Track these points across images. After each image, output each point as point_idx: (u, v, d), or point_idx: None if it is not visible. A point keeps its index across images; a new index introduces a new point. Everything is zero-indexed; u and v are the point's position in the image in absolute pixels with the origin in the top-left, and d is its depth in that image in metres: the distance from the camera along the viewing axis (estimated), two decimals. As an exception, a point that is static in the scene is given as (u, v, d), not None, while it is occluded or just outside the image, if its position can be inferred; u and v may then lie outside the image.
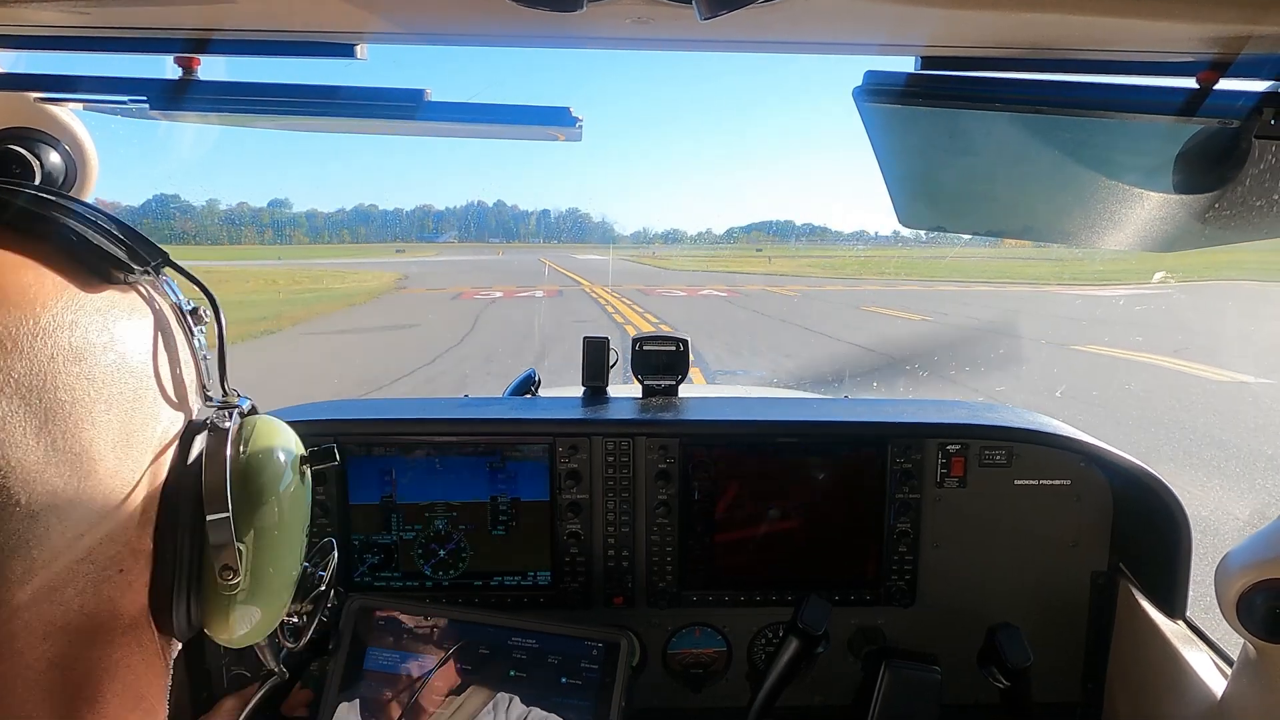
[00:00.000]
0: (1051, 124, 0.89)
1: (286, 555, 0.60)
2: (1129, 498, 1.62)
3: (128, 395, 0.49)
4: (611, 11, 0.78)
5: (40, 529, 0.44)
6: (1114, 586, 1.65)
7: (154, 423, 0.51)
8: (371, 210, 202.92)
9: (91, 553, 0.47)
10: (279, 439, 0.62)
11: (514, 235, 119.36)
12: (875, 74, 0.88)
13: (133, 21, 0.88)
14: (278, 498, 0.59)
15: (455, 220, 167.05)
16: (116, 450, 0.47)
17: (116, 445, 0.47)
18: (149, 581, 0.51)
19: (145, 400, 0.50)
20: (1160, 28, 0.76)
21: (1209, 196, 0.93)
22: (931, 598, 1.68)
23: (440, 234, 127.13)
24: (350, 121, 1.05)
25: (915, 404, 1.86)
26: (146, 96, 0.98)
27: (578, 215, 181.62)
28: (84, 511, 0.46)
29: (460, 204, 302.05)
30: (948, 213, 1.31)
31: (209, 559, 0.53)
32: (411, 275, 38.41)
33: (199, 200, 46.45)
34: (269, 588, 0.58)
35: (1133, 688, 1.58)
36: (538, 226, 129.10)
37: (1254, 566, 1.09)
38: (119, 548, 0.48)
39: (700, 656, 1.71)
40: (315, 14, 0.85)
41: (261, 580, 0.57)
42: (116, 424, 0.48)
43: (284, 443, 0.62)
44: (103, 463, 0.46)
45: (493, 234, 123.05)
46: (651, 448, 1.63)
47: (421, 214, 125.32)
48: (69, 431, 0.45)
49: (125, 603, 0.49)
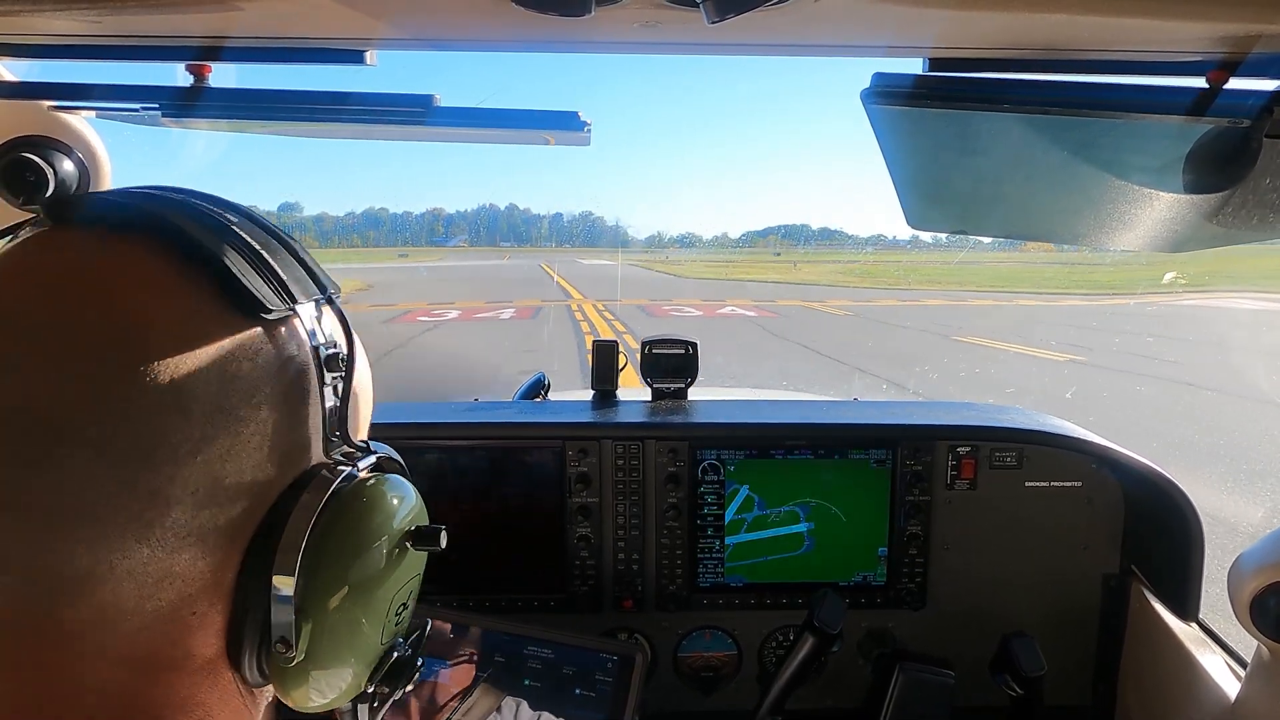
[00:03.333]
0: (1060, 125, 0.88)
1: (360, 635, 0.53)
2: (1141, 499, 1.61)
3: (233, 435, 0.46)
4: (619, 16, 0.78)
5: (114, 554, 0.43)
6: (1126, 588, 1.64)
7: (261, 467, 0.48)
8: (381, 214, 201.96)
9: (162, 587, 0.44)
10: (384, 508, 0.54)
11: (526, 239, 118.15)
12: (883, 76, 0.88)
13: (145, 30, 0.89)
14: (360, 572, 0.52)
15: (466, 224, 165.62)
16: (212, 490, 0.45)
17: (212, 485, 0.45)
18: (224, 628, 0.48)
19: (254, 442, 0.47)
20: (1169, 27, 0.76)
21: (1219, 196, 0.93)
22: (942, 600, 1.67)
23: (451, 238, 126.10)
24: (360, 127, 1.05)
25: (925, 406, 1.85)
26: (158, 104, 0.98)
27: (591, 219, 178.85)
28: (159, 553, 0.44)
29: (471, 208, 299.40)
30: (957, 215, 1.31)
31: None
32: (377, 285, 33.09)
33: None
34: (332, 667, 0.52)
35: (1145, 690, 1.57)
36: (550, 230, 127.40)
37: (1268, 568, 1.09)
38: (195, 588, 0.46)
39: (711, 660, 1.70)
40: (325, 21, 0.85)
41: (323, 658, 0.51)
42: (216, 464, 0.45)
43: (387, 513, 0.54)
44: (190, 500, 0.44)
45: (504, 238, 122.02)
46: (661, 451, 1.63)
47: (432, 218, 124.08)
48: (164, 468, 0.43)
49: (197, 643, 0.47)
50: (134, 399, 0.43)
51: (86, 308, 0.44)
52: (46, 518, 0.42)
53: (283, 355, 0.50)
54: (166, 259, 0.46)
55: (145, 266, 0.46)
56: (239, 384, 0.47)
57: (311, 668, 0.51)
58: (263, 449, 0.48)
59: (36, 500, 0.41)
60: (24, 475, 0.41)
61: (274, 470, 0.49)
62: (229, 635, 0.48)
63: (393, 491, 0.56)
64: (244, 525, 0.47)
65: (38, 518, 0.42)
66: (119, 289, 0.45)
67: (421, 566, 0.59)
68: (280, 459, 0.49)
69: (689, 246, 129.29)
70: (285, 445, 0.50)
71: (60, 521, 0.42)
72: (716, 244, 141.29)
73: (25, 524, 0.42)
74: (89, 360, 0.43)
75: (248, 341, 0.48)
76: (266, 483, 0.48)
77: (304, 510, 0.49)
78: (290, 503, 0.49)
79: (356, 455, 0.54)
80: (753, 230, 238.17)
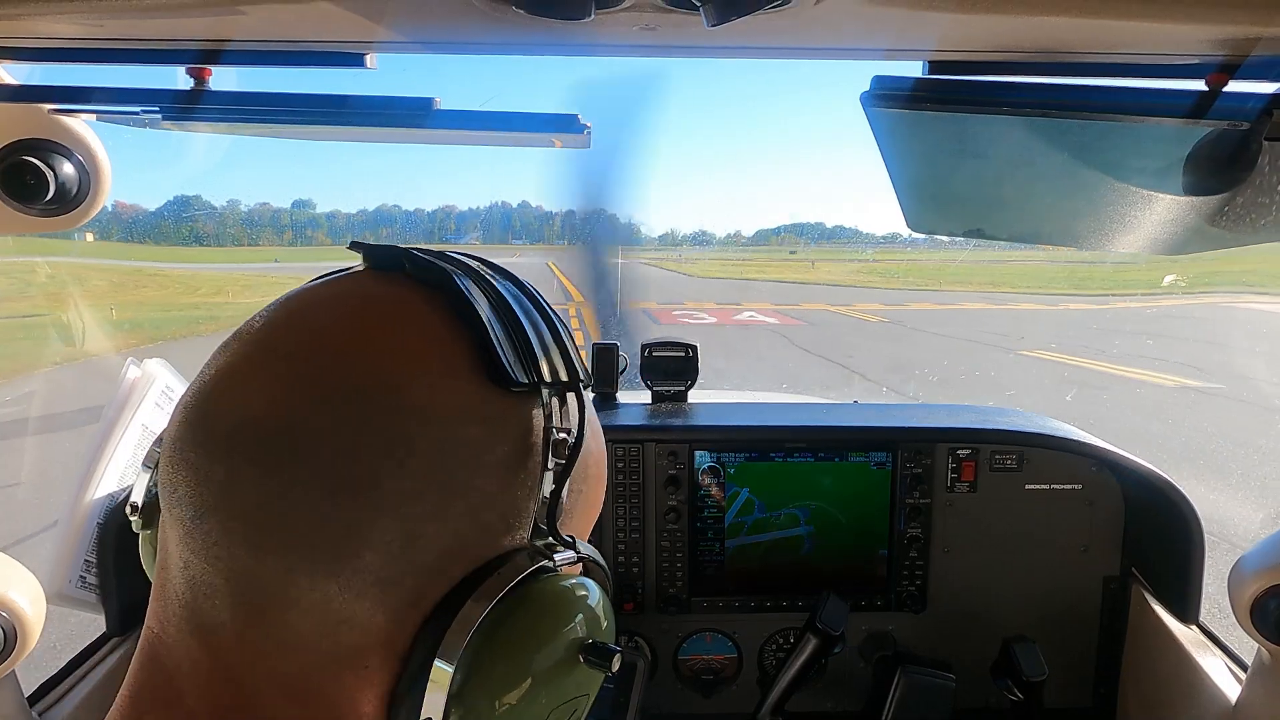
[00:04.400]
0: (1060, 127, 0.88)
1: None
2: (1141, 502, 1.61)
3: (442, 496, 0.46)
4: (619, 19, 0.78)
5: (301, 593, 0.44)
6: (1126, 591, 1.64)
7: (462, 536, 0.47)
8: (394, 211, 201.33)
9: (340, 630, 0.45)
10: (565, 610, 0.51)
11: (539, 237, 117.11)
12: (883, 79, 0.89)
13: (145, 33, 0.89)
14: (521, 670, 0.48)
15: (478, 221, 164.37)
16: (406, 544, 0.45)
17: (408, 540, 0.45)
18: (389, 691, 0.47)
19: (460, 509, 0.47)
20: (1168, 30, 0.76)
21: (1219, 199, 0.93)
22: (942, 603, 1.67)
23: (463, 235, 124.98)
24: (359, 130, 1.05)
25: (925, 408, 1.85)
26: (159, 107, 0.98)
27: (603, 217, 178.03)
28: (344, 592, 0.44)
29: (484, 204, 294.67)
30: (957, 218, 1.31)
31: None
32: None
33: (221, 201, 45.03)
34: None
35: (1145, 693, 1.57)
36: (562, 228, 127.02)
37: (1268, 571, 1.09)
38: (371, 641, 0.45)
39: (711, 663, 1.70)
40: (325, 25, 0.85)
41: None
42: (418, 520, 0.45)
43: (567, 617, 0.50)
44: (384, 548, 0.44)
45: (516, 235, 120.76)
46: (661, 453, 1.63)
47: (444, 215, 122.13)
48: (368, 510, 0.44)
49: (363, 698, 0.46)
50: (364, 436, 0.44)
51: (351, 341, 0.47)
52: (256, 527, 0.43)
53: (514, 430, 0.49)
54: (440, 314, 0.48)
55: (418, 315, 0.48)
56: (464, 447, 0.47)
57: None
58: (467, 517, 0.47)
59: (252, 507, 0.43)
60: (250, 480, 0.43)
61: (472, 542, 0.48)
62: (390, 700, 0.47)
63: (580, 597, 0.52)
64: (429, 591, 0.46)
65: (250, 525, 0.43)
66: (384, 328, 0.47)
67: (594, 689, 0.55)
68: (483, 533, 0.48)
69: (703, 244, 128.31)
70: (492, 520, 0.48)
71: (266, 534, 0.43)
72: (729, 242, 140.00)
73: (241, 529, 0.43)
74: (337, 390, 0.45)
75: (484, 409, 0.48)
76: (461, 552, 0.47)
77: (487, 591, 0.47)
78: (480, 579, 0.47)
79: (557, 549, 0.51)
80: (765, 228, 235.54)
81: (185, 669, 0.45)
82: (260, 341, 0.47)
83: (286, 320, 0.48)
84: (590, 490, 0.58)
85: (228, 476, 0.43)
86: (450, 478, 0.46)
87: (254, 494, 0.43)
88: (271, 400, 0.44)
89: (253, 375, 0.46)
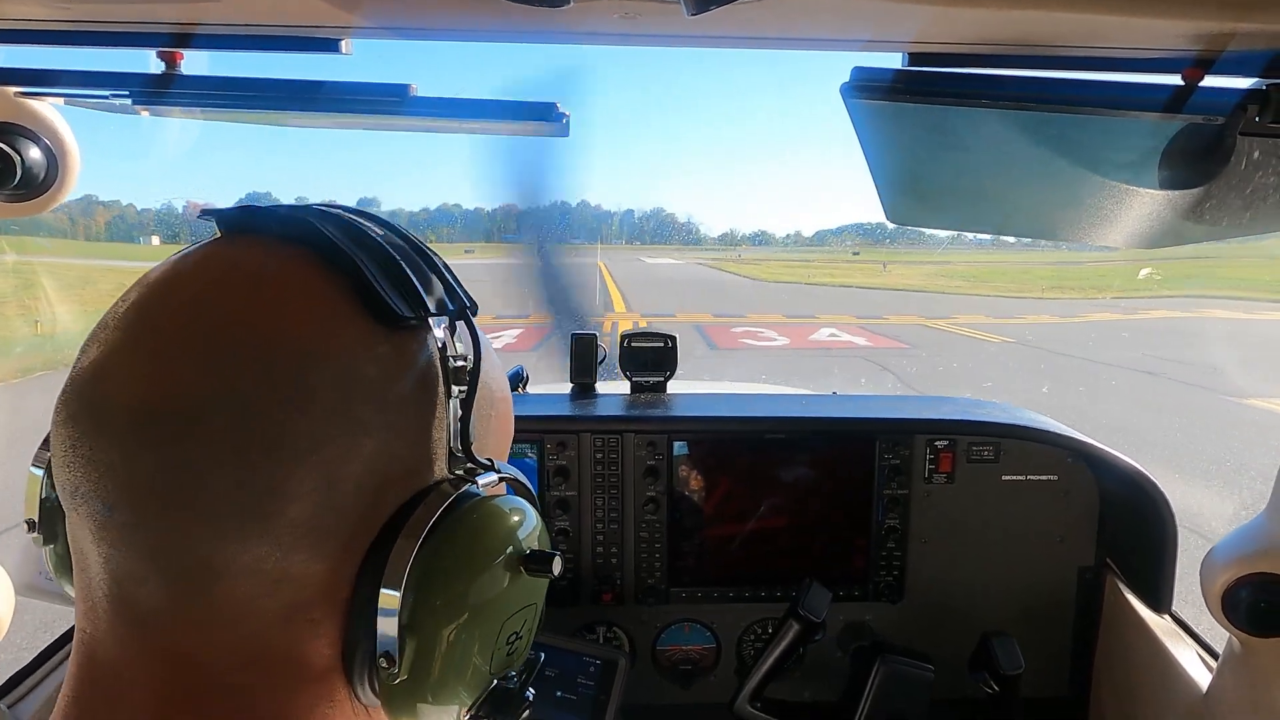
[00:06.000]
0: (1038, 120, 0.89)
1: (466, 659, 0.51)
2: (1116, 493, 1.63)
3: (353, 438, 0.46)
4: (599, 7, 0.78)
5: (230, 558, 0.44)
6: (1100, 581, 1.66)
7: (381, 474, 0.48)
8: (455, 210, 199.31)
9: (279, 587, 0.45)
10: (499, 528, 0.53)
11: (596, 236, 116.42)
12: (862, 70, 0.88)
13: (115, 16, 0.87)
14: (468, 592, 0.50)
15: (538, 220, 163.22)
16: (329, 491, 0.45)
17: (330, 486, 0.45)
18: (339, 638, 0.47)
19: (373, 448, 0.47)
20: (1146, 24, 0.76)
21: (1195, 193, 0.94)
22: (919, 593, 1.68)
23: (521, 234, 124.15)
24: (335, 117, 1.04)
25: (904, 400, 1.86)
26: (129, 91, 0.97)
27: (662, 215, 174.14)
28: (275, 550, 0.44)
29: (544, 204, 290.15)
30: (936, 209, 1.31)
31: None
32: None
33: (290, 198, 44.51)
34: (437, 689, 0.50)
35: (1119, 682, 1.59)
36: (621, 227, 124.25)
37: (1239, 561, 1.10)
38: (311, 592, 0.46)
39: (690, 653, 1.71)
40: (300, 9, 0.84)
41: (427, 678, 0.49)
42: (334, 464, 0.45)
43: (502, 533, 0.53)
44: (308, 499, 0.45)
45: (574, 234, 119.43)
46: (640, 444, 1.63)
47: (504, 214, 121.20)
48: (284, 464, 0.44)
49: (313, 651, 0.47)
50: (259, 393, 0.44)
51: (222, 304, 0.46)
52: (173, 505, 0.43)
53: (410, 364, 0.50)
54: (310, 264, 0.48)
55: (287, 269, 0.48)
56: (363, 388, 0.47)
57: (415, 688, 0.49)
58: (383, 456, 0.48)
59: (164, 487, 0.43)
60: (155, 462, 0.43)
61: (393, 478, 0.49)
62: (343, 646, 0.48)
63: (511, 512, 0.54)
64: (359, 532, 0.47)
65: (159, 504, 0.43)
66: (257, 289, 0.47)
67: (540, 596, 0.57)
68: (400, 469, 0.49)
69: (762, 244, 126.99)
70: (406, 455, 0.49)
71: (181, 509, 0.43)
72: (789, 242, 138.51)
73: (148, 510, 0.43)
74: (222, 354, 0.44)
75: (376, 347, 0.48)
76: (385, 491, 0.48)
77: (416, 523, 0.48)
78: (407, 514, 0.48)
79: (478, 472, 0.53)
80: (825, 228, 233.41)
81: (124, 665, 0.45)
82: (132, 324, 0.46)
83: (154, 298, 0.47)
84: (498, 411, 0.59)
85: (129, 463, 0.43)
86: (356, 419, 0.46)
87: (162, 473, 0.43)
88: (157, 377, 0.44)
89: (133, 357, 0.45)
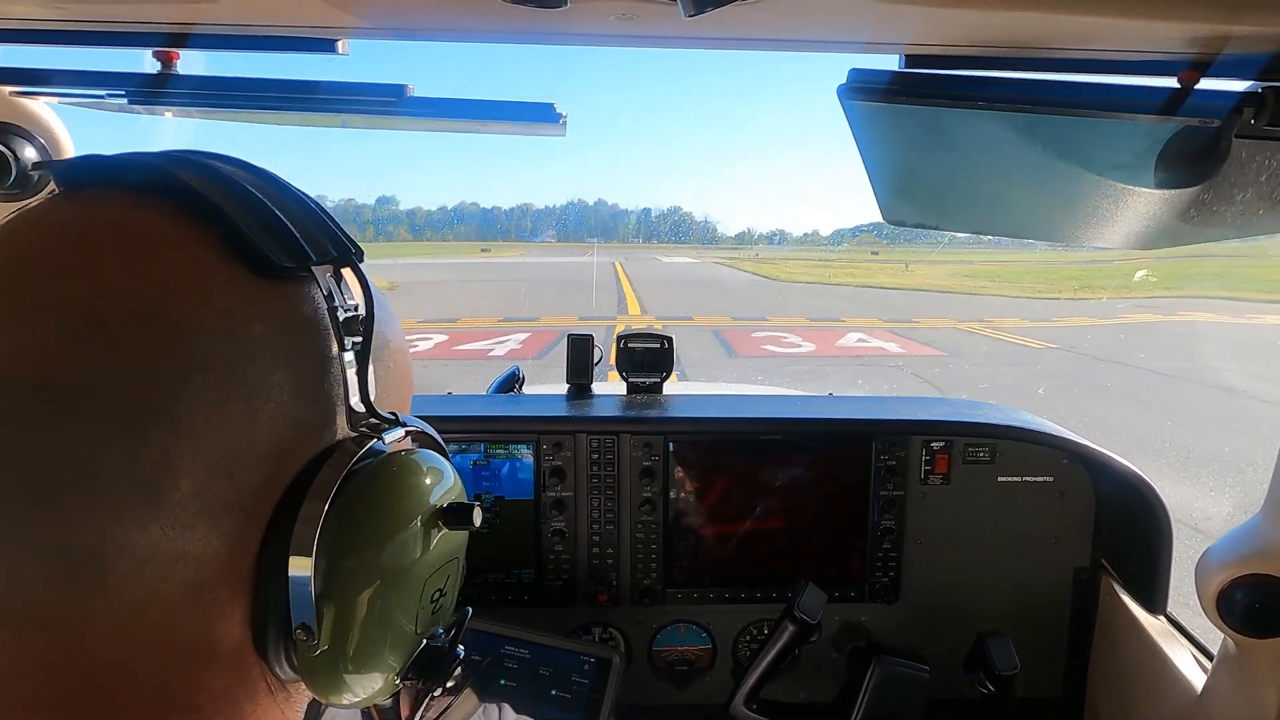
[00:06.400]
0: (1034, 122, 0.89)
1: (389, 622, 0.48)
2: (1111, 494, 1.63)
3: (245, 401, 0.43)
4: (596, 8, 0.78)
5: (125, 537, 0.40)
6: (1096, 582, 1.66)
7: (278, 437, 0.44)
8: (471, 209, 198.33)
9: (177, 568, 0.41)
10: (411, 483, 0.50)
11: (614, 234, 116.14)
12: (859, 72, 0.89)
13: (110, 15, 0.87)
14: (384, 552, 0.47)
15: (554, 219, 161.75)
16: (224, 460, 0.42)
17: (224, 455, 0.42)
18: (248, 615, 0.44)
19: (268, 410, 0.44)
20: (1142, 27, 0.76)
21: (1190, 195, 0.94)
22: (915, 594, 1.68)
23: (538, 233, 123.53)
24: (330, 117, 1.04)
25: (900, 401, 1.86)
26: (124, 91, 0.97)
27: (679, 215, 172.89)
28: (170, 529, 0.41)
29: (560, 203, 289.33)
30: (931, 209, 1.32)
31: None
32: (403, 286, 27.25)
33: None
34: (361, 657, 0.47)
35: (1114, 682, 1.59)
36: (638, 226, 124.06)
37: (1234, 562, 1.10)
38: (213, 570, 0.42)
39: (685, 654, 1.71)
40: (297, 9, 0.84)
41: (349, 647, 0.46)
42: (227, 432, 0.42)
43: (414, 489, 0.50)
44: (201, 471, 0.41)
45: (592, 233, 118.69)
46: (636, 445, 1.62)
47: (520, 213, 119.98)
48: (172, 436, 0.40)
49: (222, 631, 0.44)
50: (135, 360, 0.39)
51: (83, 266, 0.41)
52: (48, 492, 0.38)
53: (297, 317, 0.46)
54: (174, 217, 0.43)
55: (149, 224, 0.43)
56: (250, 347, 0.43)
57: (338, 658, 0.46)
58: (279, 418, 0.44)
59: (35, 472, 0.38)
60: (19, 445, 0.38)
61: (292, 441, 0.45)
62: (253, 623, 0.45)
63: (422, 466, 0.51)
64: (260, 501, 0.44)
65: (39, 492, 0.38)
66: (120, 247, 0.42)
67: (460, 550, 0.54)
68: (299, 429, 0.45)
69: (780, 244, 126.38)
70: (304, 414, 0.46)
71: (63, 495, 0.38)
72: (806, 241, 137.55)
73: (27, 500, 0.38)
74: (86, 320, 0.39)
75: (259, 301, 0.44)
76: (284, 454, 0.44)
77: (322, 485, 0.45)
78: (309, 478, 0.45)
79: (383, 428, 0.49)
80: (842, 228, 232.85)
81: (11, 679, 0.41)
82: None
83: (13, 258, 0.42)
84: (396, 363, 0.55)
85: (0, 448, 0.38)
86: (245, 382, 0.42)
87: (37, 458, 0.38)
88: (16, 351, 0.39)
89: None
